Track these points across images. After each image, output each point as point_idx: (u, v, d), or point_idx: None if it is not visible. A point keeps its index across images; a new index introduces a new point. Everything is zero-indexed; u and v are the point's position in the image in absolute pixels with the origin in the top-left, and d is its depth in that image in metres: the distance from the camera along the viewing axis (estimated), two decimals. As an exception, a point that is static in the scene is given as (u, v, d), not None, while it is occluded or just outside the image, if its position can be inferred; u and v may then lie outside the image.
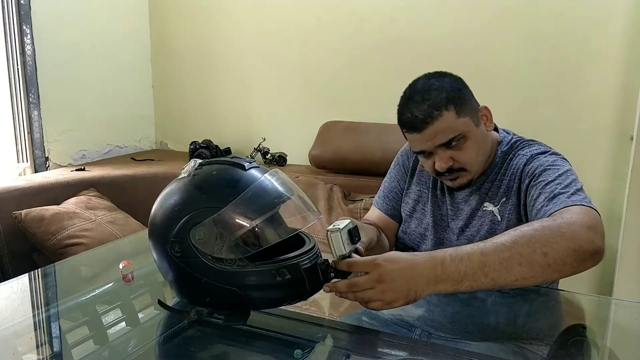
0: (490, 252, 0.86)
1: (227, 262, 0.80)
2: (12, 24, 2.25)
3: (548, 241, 0.86)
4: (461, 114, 1.09)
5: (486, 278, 0.85)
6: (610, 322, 1.09)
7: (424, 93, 1.10)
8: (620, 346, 0.97)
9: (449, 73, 1.16)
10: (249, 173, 0.85)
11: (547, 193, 1.02)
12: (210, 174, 0.86)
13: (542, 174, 1.07)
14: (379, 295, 0.85)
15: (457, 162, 1.12)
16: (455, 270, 0.86)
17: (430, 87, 1.11)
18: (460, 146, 1.11)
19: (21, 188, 2.06)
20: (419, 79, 1.16)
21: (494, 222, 1.16)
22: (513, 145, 1.19)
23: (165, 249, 0.83)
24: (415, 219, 1.30)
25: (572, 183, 1.03)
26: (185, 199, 0.84)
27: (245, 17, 2.68)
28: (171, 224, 0.82)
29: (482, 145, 1.15)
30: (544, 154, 1.13)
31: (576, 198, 0.97)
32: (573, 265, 0.87)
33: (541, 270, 0.86)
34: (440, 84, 1.11)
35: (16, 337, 0.94)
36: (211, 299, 0.83)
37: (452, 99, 1.09)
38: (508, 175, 1.15)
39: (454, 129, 1.09)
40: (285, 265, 0.82)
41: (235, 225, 0.80)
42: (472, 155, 1.12)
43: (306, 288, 0.84)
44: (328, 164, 2.37)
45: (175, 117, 3.00)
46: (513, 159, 1.16)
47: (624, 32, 2.00)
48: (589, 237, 0.88)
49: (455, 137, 1.09)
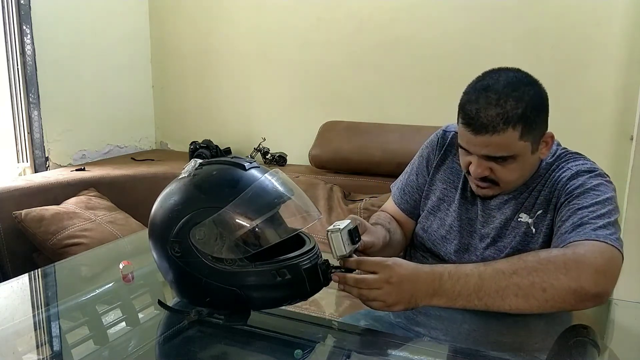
0: (487, 278, 0.87)
1: (227, 262, 0.80)
2: (12, 24, 2.25)
3: (549, 277, 0.85)
4: (524, 137, 0.99)
5: (480, 302, 0.86)
6: (610, 322, 1.08)
7: (502, 96, 0.98)
8: (620, 346, 0.97)
9: (538, 84, 1.05)
10: (249, 173, 0.85)
11: (575, 218, 0.96)
12: (211, 174, 0.86)
13: (579, 196, 1.00)
14: (384, 296, 0.86)
15: (494, 175, 1.04)
16: (450, 288, 0.87)
17: (511, 94, 0.98)
18: (506, 164, 1.02)
19: (21, 188, 2.06)
20: (506, 73, 1.03)
21: (528, 234, 1.08)
22: (558, 157, 1.11)
23: (166, 249, 0.83)
24: (438, 218, 1.20)
25: (607, 214, 0.96)
26: (185, 199, 0.84)
27: (245, 17, 2.68)
28: (171, 224, 0.82)
29: (527, 171, 1.07)
30: (591, 173, 1.04)
31: (602, 233, 0.92)
32: (572, 304, 0.87)
33: (538, 304, 0.85)
34: (523, 95, 0.99)
35: (16, 337, 0.94)
36: (211, 299, 0.83)
37: (525, 118, 0.98)
38: (548, 186, 1.07)
39: (509, 149, 0.99)
40: (286, 265, 0.82)
41: (236, 226, 0.80)
42: (513, 176, 1.05)
43: (306, 288, 0.84)
44: (328, 164, 2.36)
45: (175, 117, 3.00)
46: (556, 171, 1.07)
47: (624, 32, 2.00)
48: (594, 280, 0.85)
49: (506, 156, 1.01)
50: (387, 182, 1.44)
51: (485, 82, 1.02)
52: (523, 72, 1.06)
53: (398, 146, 2.19)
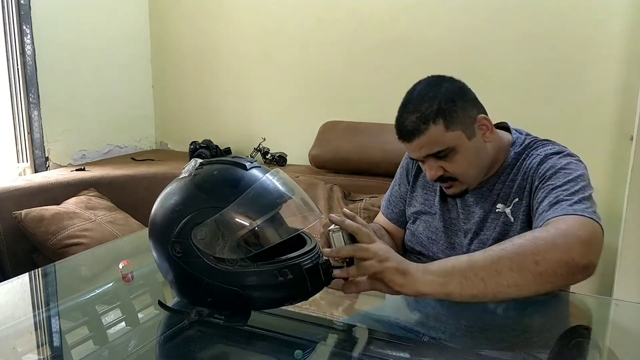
0: (478, 256, 0.87)
1: (229, 262, 0.80)
2: (12, 24, 2.25)
3: (540, 251, 0.85)
4: (450, 127, 1.06)
5: (476, 277, 0.83)
6: (610, 322, 1.09)
7: (416, 103, 1.08)
8: (620, 346, 0.97)
9: (450, 79, 1.12)
10: (250, 173, 0.85)
11: (551, 198, 0.99)
12: (212, 174, 0.85)
13: (551, 177, 1.04)
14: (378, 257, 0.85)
15: (448, 172, 1.10)
16: (443, 265, 0.87)
17: (424, 97, 1.08)
18: (450, 158, 1.08)
19: (21, 188, 2.06)
20: (419, 84, 1.13)
21: (507, 223, 1.12)
22: (527, 146, 1.15)
23: (166, 249, 0.82)
24: (423, 221, 1.26)
25: (581, 190, 0.99)
26: (186, 198, 0.83)
27: (246, 17, 2.68)
28: (172, 224, 0.82)
29: (475, 158, 1.11)
30: (558, 155, 1.09)
31: (578, 207, 0.94)
32: (564, 277, 0.86)
33: (533, 279, 0.84)
34: (435, 94, 1.07)
35: (16, 336, 0.94)
36: (212, 299, 0.83)
37: (442, 112, 1.05)
38: (520, 175, 1.12)
39: (441, 143, 1.06)
40: (288, 265, 0.81)
41: (238, 225, 0.80)
42: (462, 167, 1.10)
43: (307, 288, 0.84)
44: (328, 164, 2.37)
45: (175, 117, 3.00)
46: (526, 159, 1.12)
47: (624, 32, 2.00)
48: (582, 251, 0.86)
49: (443, 150, 1.07)
50: (387, 182, 1.45)
51: (404, 99, 1.12)
52: (435, 75, 1.14)
53: (398, 146, 2.15)
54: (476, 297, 0.85)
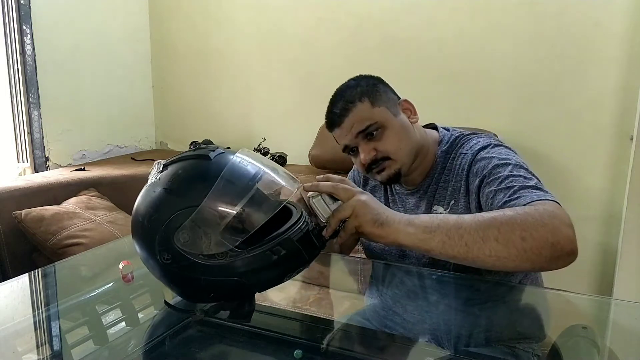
0: (467, 219, 0.85)
1: (219, 256, 0.78)
2: (12, 24, 2.25)
3: (529, 227, 0.83)
4: (376, 104, 1.13)
5: (461, 239, 0.83)
6: (610, 322, 1.08)
7: (340, 93, 1.17)
8: (620, 346, 0.97)
9: (368, 75, 1.21)
10: (215, 162, 0.81)
11: (506, 189, 0.96)
12: (177, 174, 0.81)
13: (493, 171, 1.02)
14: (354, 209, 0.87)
15: (380, 152, 1.12)
16: (428, 220, 0.86)
17: (346, 87, 1.17)
18: (381, 136, 1.12)
19: (21, 188, 2.06)
20: (343, 84, 1.21)
21: None
22: (453, 143, 1.16)
23: (156, 258, 0.80)
24: None
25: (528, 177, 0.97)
26: (159, 205, 0.80)
27: (245, 17, 2.68)
28: (152, 234, 0.79)
29: (405, 134, 1.14)
30: (487, 148, 1.08)
31: (541, 194, 0.92)
32: (547, 260, 0.84)
33: (516, 253, 0.82)
34: (356, 84, 1.17)
35: (16, 337, 0.94)
36: (215, 294, 0.82)
37: (365, 92, 1.14)
38: (453, 176, 1.12)
39: (370, 117, 1.11)
40: (278, 242, 0.79)
41: (218, 219, 0.77)
42: (394, 143, 1.12)
43: (304, 257, 0.82)
44: (328, 164, 2.36)
45: (175, 117, 3.00)
46: (456, 159, 1.12)
47: (624, 32, 2.00)
48: (569, 236, 0.84)
49: (372, 125, 1.11)
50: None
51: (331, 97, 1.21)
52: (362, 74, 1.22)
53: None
54: (455, 259, 0.84)
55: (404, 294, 1.14)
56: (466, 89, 2.26)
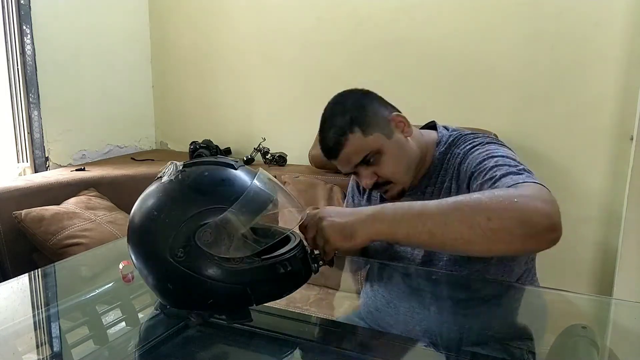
0: (431, 205, 0.84)
1: (234, 260, 0.80)
2: (12, 24, 2.25)
3: (495, 207, 0.80)
4: (367, 131, 1.09)
5: (424, 227, 0.82)
6: (610, 322, 1.09)
7: (330, 120, 1.13)
8: (620, 346, 0.97)
9: (353, 91, 1.17)
10: (240, 172, 0.85)
11: (489, 180, 0.95)
12: (203, 175, 0.84)
13: (479, 165, 1.01)
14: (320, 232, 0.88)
15: (381, 177, 1.11)
16: (392, 213, 0.85)
17: (334, 113, 1.13)
18: (378, 161, 1.10)
19: (21, 188, 2.06)
20: (329, 104, 1.17)
21: None
22: (450, 144, 1.14)
23: (164, 255, 0.80)
24: None
25: (513, 165, 0.95)
26: (182, 201, 0.82)
27: (245, 17, 2.68)
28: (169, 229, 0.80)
29: (401, 155, 1.12)
30: (477, 146, 1.07)
31: (522, 177, 0.90)
32: (522, 238, 0.79)
33: (482, 234, 0.79)
34: (343, 108, 1.12)
35: (16, 337, 0.94)
36: (214, 300, 0.83)
37: (355, 120, 1.09)
38: (447, 176, 1.11)
39: (364, 148, 1.09)
40: (287, 257, 0.84)
41: (244, 224, 0.80)
42: (391, 167, 1.10)
43: (302, 277, 0.87)
44: (328, 164, 2.33)
45: (175, 117, 3.00)
46: (451, 159, 1.11)
47: (624, 32, 2.00)
48: (543, 210, 0.79)
49: (368, 154, 1.09)
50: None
51: (320, 125, 1.16)
52: (338, 93, 1.18)
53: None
54: (424, 246, 0.86)
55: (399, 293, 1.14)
56: (466, 89, 2.26)
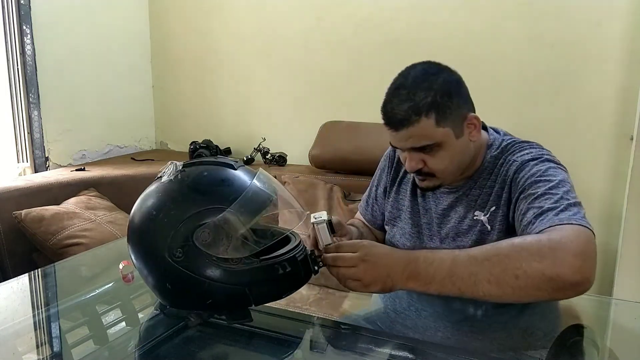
0: (460, 263, 0.86)
1: (232, 261, 0.80)
2: (12, 24, 2.25)
3: (522, 264, 0.82)
4: (441, 123, 1.01)
5: (453, 286, 0.85)
6: (610, 322, 1.09)
7: (411, 90, 1.02)
8: (620, 346, 0.97)
9: (447, 69, 1.06)
10: (240, 172, 0.85)
11: (535, 209, 0.94)
12: (202, 175, 0.84)
13: (531, 186, 0.98)
14: (360, 274, 0.87)
15: (427, 167, 1.06)
16: (424, 271, 0.87)
17: (419, 85, 1.01)
18: (434, 153, 1.04)
19: (21, 188, 2.06)
20: (415, 68, 1.05)
21: (484, 232, 1.07)
22: (504, 149, 1.10)
23: (163, 255, 0.80)
24: (399, 228, 1.22)
25: (564, 197, 0.93)
26: (182, 201, 0.82)
27: (245, 17, 2.68)
28: (168, 229, 0.80)
29: (458, 157, 1.07)
30: (536, 161, 1.03)
31: (564, 215, 0.89)
32: (550, 293, 0.82)
33: (512, 291, 0.82)
34: (430, 84, 1.01)
35: (16, 337, 0.94)
36: (213, 300, 0.83)
37: (435, 106, 1.00)
38: (498, 182, 1.07)
39: (429, 137, 1.02)
40: (286, 258, 0.83)
41: (243, 224, 0.80)
42: (444, 164, 1.05)
43: (302, 278, 0.86)
44: (328, 164, 2.36)
45: (175, 117, 3.00)
46: (503, 165, 1.07)
47: (624, 32, 2.00)
48: (574, 266, 0.81)
49: (429, 145, 1.02)
50: (387, 182, 1.45)
51: (397, 82, 1.06)
52: (432, 62, 1.07)
53: (398, 146, 2.19)
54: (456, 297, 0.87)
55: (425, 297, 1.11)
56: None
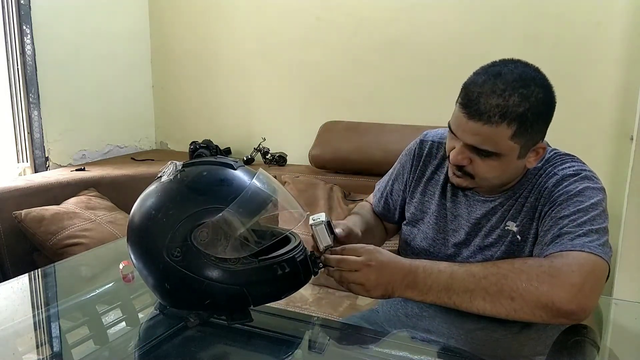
0: (458, 278, 0.88)
1: (231, 261, 0.80)
2: (12, 24, 2.25)
3: (519, 287, 0.83)
4: (516, 137, 0.92)
5: (449, 300, 0.88)
6: (610, 322, 1.09)
7: (509, 88, 0.91)
8: (620, 346, 0.97)
9: (550, 89, 0.99)
10: (239, 172, 0.85)
11: (555, 229, 0.92)
12: (202, 175, 0.84)
13: (561, 204, 0.95)
14: (363, 278, 0.89)
15: (472, 167, 0.98)
16: (422, 282, 0.90)
17: (519, 87, 0.91)
18: (486, 159, 0.96)
19: (21, 188, 2.06)
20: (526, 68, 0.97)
21: (514, 242, 1.03)
22: (547, 161, 1.04)
23: (161, 255, 0.80)
24: (421, 231, 1.16)
25: (589, 221, 0.90)
26: (180, 201, 0.82)
27: (245, 17, 2.68)
28: (167, 228, 0.80)
29: (507, 175, 1.01)
30: (575, 177, 0.98)
31: (580, 241, 0.87)
32: (544, 318, 0.84)
33: (506, 312, 0.85)
34: (529, 94, 0.92)
35: (16, 337, 0.94)
36: (212, 300, 0.83)
37: (522, 120, 0.91)
38: (534, 193, 1.01)
39: (496, 145, 0.93)
40: (285, 259, 0.83)
41: (241, 224, 0.80)
42: (490, 174, 0.98)
43: (301, 279, 0.87)
44: (328, 164, 2.37)
45: (175, 117, 3.00)
46: (543, 176, 1.02)
47: (624, 32, 2.00)
48: (567, 296, 0.81)
49: (489, 151, 0.94)
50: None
51: (498, 69, 0.95)
52: (541, 72, 0.99)
53: (398, 146, 2.14)
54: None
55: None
56: (466, 89, 2.25)
